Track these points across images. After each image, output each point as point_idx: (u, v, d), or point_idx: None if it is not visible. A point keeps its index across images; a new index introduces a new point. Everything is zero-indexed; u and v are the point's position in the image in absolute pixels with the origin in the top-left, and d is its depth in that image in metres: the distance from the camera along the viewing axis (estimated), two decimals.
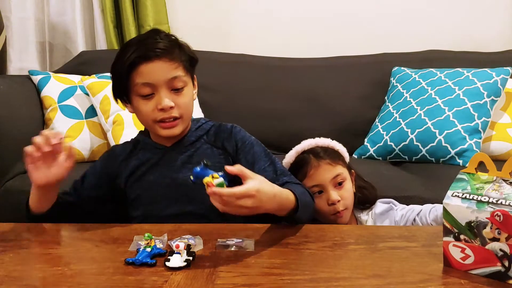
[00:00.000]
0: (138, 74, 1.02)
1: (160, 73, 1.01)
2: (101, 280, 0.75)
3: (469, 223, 0.73)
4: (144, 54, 1.01)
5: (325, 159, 1.19)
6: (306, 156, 1.21)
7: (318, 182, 1.17)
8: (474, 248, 0.73)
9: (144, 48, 1.02)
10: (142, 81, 1.02)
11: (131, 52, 1.02)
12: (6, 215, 1.48)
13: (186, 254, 0.80)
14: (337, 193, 1.17)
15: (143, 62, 1.01)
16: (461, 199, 0.75)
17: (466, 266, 0.75)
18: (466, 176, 0.79)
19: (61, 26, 2.29)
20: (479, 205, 0.72)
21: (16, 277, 0.77)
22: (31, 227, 1.00)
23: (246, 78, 2.03)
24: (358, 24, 2.26)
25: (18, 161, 1.63)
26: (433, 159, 1.70)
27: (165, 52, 1.02)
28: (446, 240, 0.77)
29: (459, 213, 0.74)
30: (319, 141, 1.26)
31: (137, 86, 1.02)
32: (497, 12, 2.24)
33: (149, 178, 1.08)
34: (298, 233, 0.94)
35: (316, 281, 0.74)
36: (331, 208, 1.17)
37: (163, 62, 1.01)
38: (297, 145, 1.25)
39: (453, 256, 0.76)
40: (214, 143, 1.11)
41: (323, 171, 1.18)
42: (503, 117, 1.78)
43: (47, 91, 1.79)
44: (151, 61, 1.01)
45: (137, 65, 1.01)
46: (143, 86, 1.02)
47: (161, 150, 1.10)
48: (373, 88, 2.01)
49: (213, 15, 2.26)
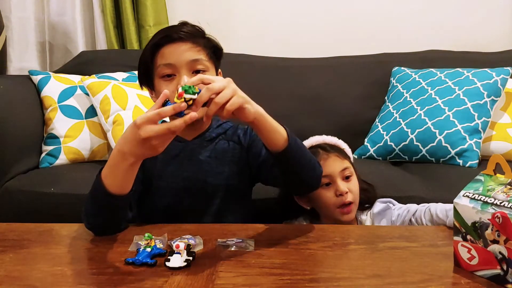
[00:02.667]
0: (160, 55, 1.05)
1: (181, 55, 1.04)
2: (101, 280, 0.75)
3: (474, 224, 0.73)
4: (168, 35, 1.05)
5: (333, 152, 1.21)
6: (314, 150, 1.22)
7: (327, 173, 1.17)
8: (478, 249, 0.73)
9: (169, 31, 1.06)
10: (164, 62, 1.04)
11: (157, 37, 1.06)
12: (6, 215, 1.49)
13: (186, 254, 0.80)
14: (345, 185, 1.17)
15: (166, 44, 1.04)
16: (469, 199, 0.74)
17: (471, 267, 0.75)
18: (484, 177, 0.78)
19: (61, 26, 2.29)
20: (483, 206, 0.71)
21: (16, 277, 0.76)
22: (31, 227, 1.00)
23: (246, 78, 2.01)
24: (358, 24, 2.26)
25: (18, 161, 1.64)
26: (433, 159, 1.70)
27: (189, 36, 1.05)
28: (455, 239, 0.77)
29: (466, 213, 0.74)
30: (326, 138, 1.27)
31: (159, 67, 1.05)
32: (497, 12, 2.24)
33: (168, 169, 1.09)
34: (298, 233, 0.94)
35: (316, 281, 0.74)
36: (338, 199, 1.16)
37: (185, 44, 1.04)
38: (304, 140, 1.26)
39: (461, 256, 0.76)
40: (232, 138, 1.14)
41: (333, 162, 1.19)
42: (503, 117, 1.78)
43: (47, 91, 1.79)
44: (174, 42, 1.04)
45: (161, 47, 1.05)
46: (164, 67, 1.04)
47: (181, 143, 1.12)
48: (373, 88, 2.01)
49: (213, 15, 2.26)
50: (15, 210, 1.50)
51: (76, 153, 1.74)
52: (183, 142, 1.12)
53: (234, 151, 1.11)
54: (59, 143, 1.73)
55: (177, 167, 1.09)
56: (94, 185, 0.92)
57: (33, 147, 1.73)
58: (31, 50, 2.27)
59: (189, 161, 1.10)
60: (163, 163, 1.10)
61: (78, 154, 1.74)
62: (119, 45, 2.28)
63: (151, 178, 1.09)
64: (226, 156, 1.11)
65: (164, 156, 1.09)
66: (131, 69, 1.96)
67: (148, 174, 1.09)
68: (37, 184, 1.52)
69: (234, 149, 1.12)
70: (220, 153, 1.11)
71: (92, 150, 1.76)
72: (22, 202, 1.49)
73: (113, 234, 0.95)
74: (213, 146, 1.12)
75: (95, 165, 1.71)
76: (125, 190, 0.90)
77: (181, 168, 1.09)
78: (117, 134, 1.70)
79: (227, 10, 2.29)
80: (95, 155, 1.77)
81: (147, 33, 2.22)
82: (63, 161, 1.72)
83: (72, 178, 1.56)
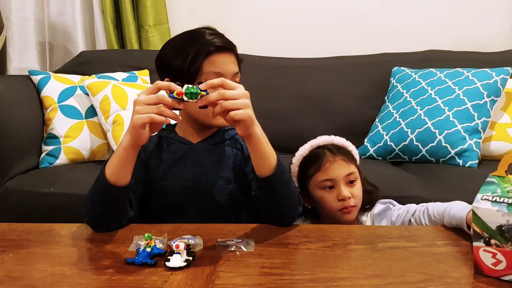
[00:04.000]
0: (210, 62, 1.04)
1: (229, 65, 1.06)
2: (101, 280, 0.75)
3: (500, 227, 0.70)
4: (224, 45, 1.06)
5: (340, 155, 1.20)
6: (321, 150, 1.21)
7: (332, 176, 1.17)
8: (506, 253, 0.71)
9: (223, 40, 1.07)
10: (214, 70, 1.04)
11: (210, 39, 1.05)
12: (6, 215, 1.49)
13: (186, 254, 0.80)
14: (348, 190, 1.17)
15: (220, 52, 1.05)
16: (491, 202, 0.71)
17: (497, 272, 0.72)
18: (496, 179, 0.76)
19: (61, 26, 2.30)
20: (510, 208, 0.69)
21: (16, 277, 0.77)
22: (31, 227, 1.00)
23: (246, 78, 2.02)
24: (358, 24, 2.26)
25: (18, 161, 1.64)
26: (433, 159, 1.70)
27: (234, 48, 1.09)
28: (476, 245, 0.74)
29: (489, 216, 0.71)
30: (334, 139, 1.26)
31: (208, 74, 1.03)
32: (497, 12, 2.24)
33: (173, 170, 1.10)
34: (298, 233, 0.94)
35: (316, 281, 0.74)
36: (339, 204, 1.16)
37: (232, 56, 1.08)
38: (312, 140, 1.26)
39: (484, 262, 0.73)
40: (235, 145, 1.15)
41: (338, 167, 1.18)
42: (503, 117, 1.78)
43: (47, 91, 1.79)
44: (226, 52, 1.06)
45: (213, 53, 1.04)
46: (214, 74, 1.03)
47: (187, 145, 1.13)
48: (373, 88, 2.01)
49: (213, 15, 2.26)
50: (15, 210, 1.50)
51: (76, 153, 1.74)
52: (188, 145, 1.13)
53: (236, 158, 1.13)
54: (59, 143, 1.73)
55: (181, 168, 1.10)
56: (97, 176, 0.95)
57: (33, 147, 1.73)
58: (31, 50, 2.27)
59: (193, 163, 1.11)
60: (167, 164, 1.11)
61: (78, 154, 1.74)
62: (119, 45, 2.28)
63: (155, 179, 1.10)
64: (228, 161, 1.12)
65: (169, 157, 1.12)
66: (131, 69, 1.96)
67: (152, 175, 1.10)
68: (37, 184, 1.52)
69: (237, 156, 1.13)
70: (223, 158, 1.12)
71: (92, 150, 1.76)
72: (22, 202, 1.49)
73: (113, 229, 0.95)
74: (217, 150, 1.13)
75: (95, 165, 1.71)
76: (124, 180, 0.93)
77: (185, 169, 1.10)
78: (117, 134, 1.70)
79: (227, 10, 2.29)
80: (95, 155, 1.78)
81: (147, 33, 2.22)
82: (63, 161, 1.72)
83: (72, 178, 1.56)
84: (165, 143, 1.14)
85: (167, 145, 1.14)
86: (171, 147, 1.13)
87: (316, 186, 1.19)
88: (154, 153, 1.13)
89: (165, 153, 1.13)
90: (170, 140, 1.15)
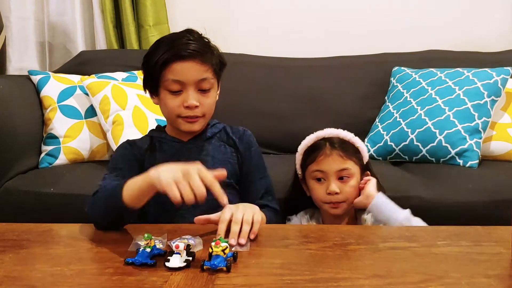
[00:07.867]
0: (170, 70, 1.07)
1: (191, 73, 1.07)
2: (101, 280, 0.75)
3: None
4: (179, 54, 1.06)
5: (338, 150, 1.21)
6: (322, 142, 1.24)
7: (323, 169, 1.20)
8: None
9: (178, 48, 1.07)
10: (173, 78, 1.08)
11: (164, 50, 1.07)
12: (6, 215, 1.49)
13: (186, 254, 0.80)
14: (338, 186, 1.18)
15: (177, 61, 1.07)
16: None
17: None
18: None
19: (61, 26, 2.29)
20: None
21: (16, 277, 0.76)
22: (31, 227, 1.00)
23: (246, 78, 2.02)
24: (358, 24, 2.26)
25: (18, 161, 1.64)
26: (433, 159, 1.70)
27: (199, 54, 1.08)
28: None
29: None
30: (341, 133, 1.28)
31: (168, 81, 1.08)
32: (497, 12, 2.24)
33: None
34: (298, 233, 0.94)
35: (316, 281, 0.73)
36: (327, 197, 1.20)
37: (195, 63, 1.08)
38: (319, 130, 1.28)
39: None
40: (227, 141, 1.18)
41: (332, 161, 1.20)
42: (503, 117, 1.78)
43: (47, 91, 1.79)
44: (185, 60, 1.07)
45: (171, 62, 1.07)
46: (173, 82, 1.08)
47: (178, 143, 1.16)
48: (373, 88, 2.00)
49: (213, 15, 2.26)
50: (15, 210, 1.50)
51: (76, 153, 1.74)
52: (180, 143, 1.16)
53: (231, 153, 1.16)
54: (58, 143, 1.73)
55: None
56: (113, 190, 0.94)
57: (33, 147, 1.73)
58: (31, 50, 2.27)
59: (187, 159, 1.10)
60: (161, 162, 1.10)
61: (78, 154, 1.74)
62: (119, 45, 2.27)
63: None
64: (221, 156, 1.15)
65: (162, 156, 1.13)
66: (130, 69, 1.95)
67: None
68: (37, 184, 1.52)
69: (231, 152, 1.16)
70: (216, 153, 1.15)
71: (92, 150, 1.76)
72: (22, 202, 1.49)
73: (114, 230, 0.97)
74: (209, 145, 1.16)
75: (94, 165, 1.71)
76: (138, 205, 0.93)
77: None
78: (116, 134, 1.70)
79: (227, 10, 2.29)
80: (94, 155, 1.77)
81: (147, 33, 2.22)
82: (63, 161, 1.72)
83: (71, 178, 1.56)
84: (157, 143, 1.17)
85: (160, 145, 1.16)
86: (163, 146, 1.16)
87: (310, 176, 1.24)
88: (148, 153, 1.15)
89: (158, 153, 1.15)
90: (162, 140, 1.17)
